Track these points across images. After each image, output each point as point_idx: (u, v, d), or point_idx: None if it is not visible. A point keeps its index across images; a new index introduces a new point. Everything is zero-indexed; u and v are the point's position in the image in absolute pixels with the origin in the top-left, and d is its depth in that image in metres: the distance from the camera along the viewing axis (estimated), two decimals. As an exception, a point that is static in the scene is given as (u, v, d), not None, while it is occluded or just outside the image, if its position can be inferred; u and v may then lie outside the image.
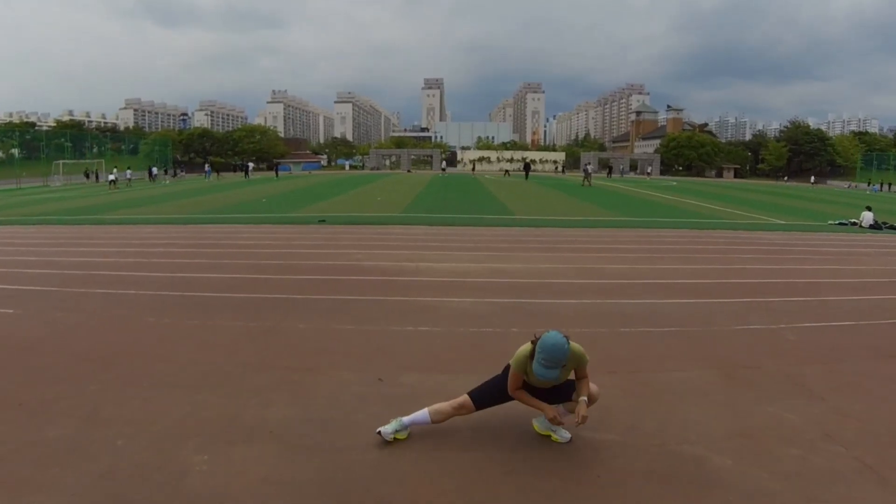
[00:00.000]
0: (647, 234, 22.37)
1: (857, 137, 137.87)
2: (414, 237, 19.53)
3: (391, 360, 7.59)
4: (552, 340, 5.02)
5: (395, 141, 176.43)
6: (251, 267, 13.63)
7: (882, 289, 13.18)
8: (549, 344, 5.01)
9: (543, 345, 5.02)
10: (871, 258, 17.99)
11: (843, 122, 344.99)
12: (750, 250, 18.61)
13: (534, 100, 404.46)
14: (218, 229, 21.36)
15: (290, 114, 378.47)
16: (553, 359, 5.01)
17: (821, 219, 31.40)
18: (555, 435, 5.52)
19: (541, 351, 5.03)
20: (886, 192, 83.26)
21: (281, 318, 9.41)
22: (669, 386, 7.06)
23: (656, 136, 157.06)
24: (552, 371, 5.05)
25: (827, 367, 7.91)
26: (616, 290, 11.89)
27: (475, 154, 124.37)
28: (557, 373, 5.09)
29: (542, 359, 5.02)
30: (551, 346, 5.00)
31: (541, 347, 5.03)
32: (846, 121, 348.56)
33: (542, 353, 5.02)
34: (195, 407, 5.99)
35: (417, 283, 12.21)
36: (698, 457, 5.32)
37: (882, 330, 9.87)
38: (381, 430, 5.36)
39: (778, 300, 11.61)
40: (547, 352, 5.00)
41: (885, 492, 4.85)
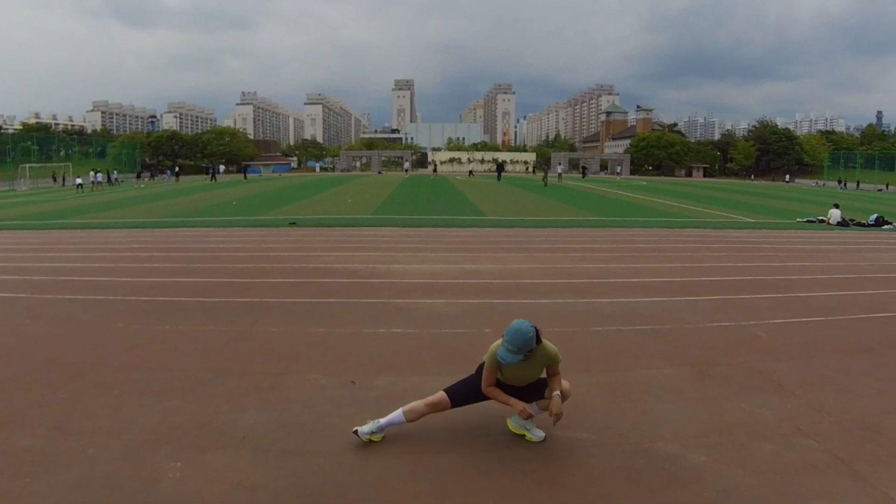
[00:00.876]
0: (618, 233, 22.50)
1: (825, 136, 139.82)
2: (385, 239, 19.49)
3: (364, 362, 7.55)
4: (516, 325, 5.13)
5: (365, 142, 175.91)
6: (221, 270, 13.52)
7: (851, 285, 13.36)
8: (514, 328, 5.11)
9: (508, 330, 5.12)
10: (839, 255, 18.23)
11: (811, 121, 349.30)
12: (720, 248, 18.79)
13: (504, 100, 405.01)
14: (187, 233, 21.18)
15: (259, 115, 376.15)
16: (515, 342, 5.07)
17: (789, 217, 31.79)
18: (529, 434, 5.53)
19: (505, 335, 5.12)
20: (854, 189, 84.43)
21: (252, 322, 9.33)
22: (643, 384, 7.09)
23: (626, 136, 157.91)
24: (515, 356, 5.10)
25: (798, 362, 8.00)
26: (588, 289, 11.94)
27: (445, 155, 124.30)
28: (520, 358, 5.13)
29: (506, 342, 5.10)
30: (514, 331, 5.09)
31: (506, 332, 5.13)
32: (814, 120, 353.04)
33: (506, 338, 5.12)
34: (166, 414, 5.91)
35: (389, 285, 12.17)
36: (673, 454, 5.35)
37: (852, 325, 10.01)
38: (358, 430, 5.34)
39: (749, 297, 11.72)
40: (510, 335, 5.10)
41: (858, 484, 4.90)
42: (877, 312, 10.84)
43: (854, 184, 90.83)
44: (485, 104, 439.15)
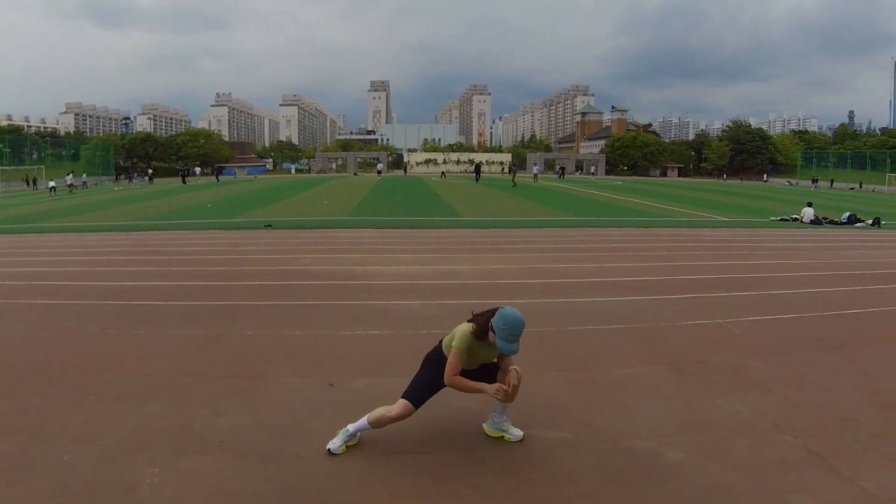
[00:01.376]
0: (594, 233, 22.61)
1: (798, 136, 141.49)
2: (361, 240, 19.46)
3: (341, 364, 7.54)
4: (513, 314, 5.07)
5: (341, 144, 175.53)
6: (197, 274, 13.45)
7: (824, 282, 13.51)
8: (513, 317, 5.05)
9: (507, 320, 5.03)
10: (812, 252, 18.45)
11: (784, 121, 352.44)
12: (695, 247, 18.94)
13: (480, 101, 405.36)
14: (162, 236, 21.03)
15: (234, 117, 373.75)
16: (515, 332, 5.04)
17: (763, 215, 32.11)
18: (507, 435, 5.54)
19: (505, 326, 5.02)
20: (828, 188, 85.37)
21: (229, 325, 9.28)
22: (620, 382, 7.14)
23: (601, 136, 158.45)
24: (514, 345, 5.07)
25: (773, 359, 8.09)
26: (564, 288, 11.98)
27: (421, 156, 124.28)
28: (518, 346, 5.11)
29: (508, 334, 5.02)
30: (511, 321, 5.04)
31: (505, 323, 5.03)
32: (787, 120, 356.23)
33: (507, 328, 5.02)
34: (143, 419, 5.86)
35: (366, 287, 12.16)
36: (651, 452, 5.39)
37: (825, 322, 10.14)
38: (331, 448, 5.26)
39: (723, 295, 11.83)
40: (512, 325, 5.03)
41: (834, 478, 4.98)
42: (850, 309, 10.98)
43: (828, 183, 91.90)
44: (460, 105, 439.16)
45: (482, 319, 5.17)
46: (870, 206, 42.47)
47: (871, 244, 21.57)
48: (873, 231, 27.00)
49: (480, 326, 5.15)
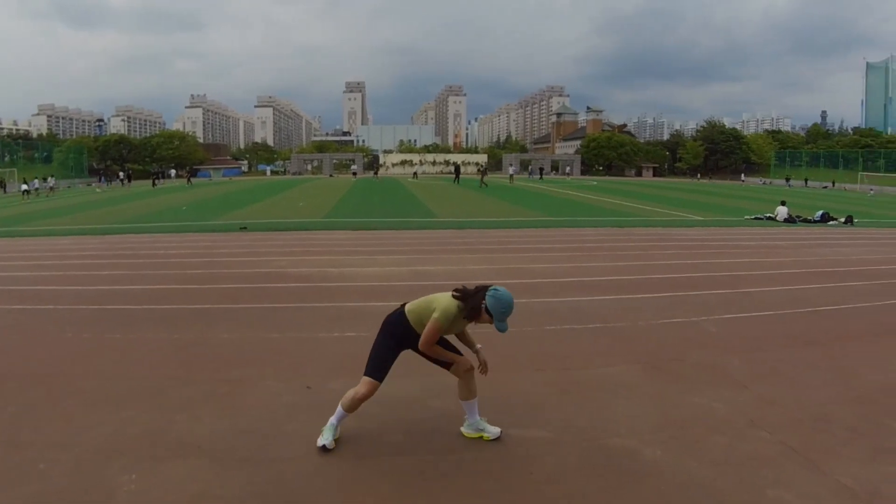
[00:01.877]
0: (570, 233, 22.69)
1: (771, 136, 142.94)
2: (337, 242, 19.41)
3: (319, 367, 7.52)
4: (508, 296, 5.17)
5: (316, 145, 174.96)
6: (172, 277, 13.34)
7: (798, 279, 13.64)
8: (508, 298, 5.16)
9: (504, 303, 5.13)
10: (786, 250, 18.62)
11: (758, 120, 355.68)
12: (670, 246, 19.06)
13: (455, 102, 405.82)
14: (137, 239, 20.82)
15: (209, 118, 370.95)
16: (511, 311, 5.16)
17: (738, 214, 32.36)
18: (485, 434, 5.54)
19: (504, 309, 5.13)
20: (803, 187, 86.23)
21: (205, 328, 9.22)
22: (598, 381, 7.19)
23: (577, 136, 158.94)
24: (505, 323, 5.17)
25: (748, 356, 8.17)
26: (541, 288, 12.02)
27: (397, 157, 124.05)
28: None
29: (503, 314, 5.12)
30: (510, 300, 5.17)
31: (503, 306, 5.12)
32: (760, 120, 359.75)
33: (505, 311, 5.13)
34: (120, 424, 5.80)
35: (342, 289, 12.13)
36: (630, 449, 5.42)
37: (799, 319, 10.25)
38: (324, 444, 5.32)
39: (699, 293, 11.92)
40: (508, 307, 5.14)
41: (811, 472, 5.04)
42: (824, 306, 11.10)
43: (802, 181, 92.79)
44: (436, 106, 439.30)
45: (474, 301, 5.18)
46: (842, 205, 42.93)
47: (844, 242, 21.83)
48: (846, 229, 27.30)
49: (473, 309, 5.18)
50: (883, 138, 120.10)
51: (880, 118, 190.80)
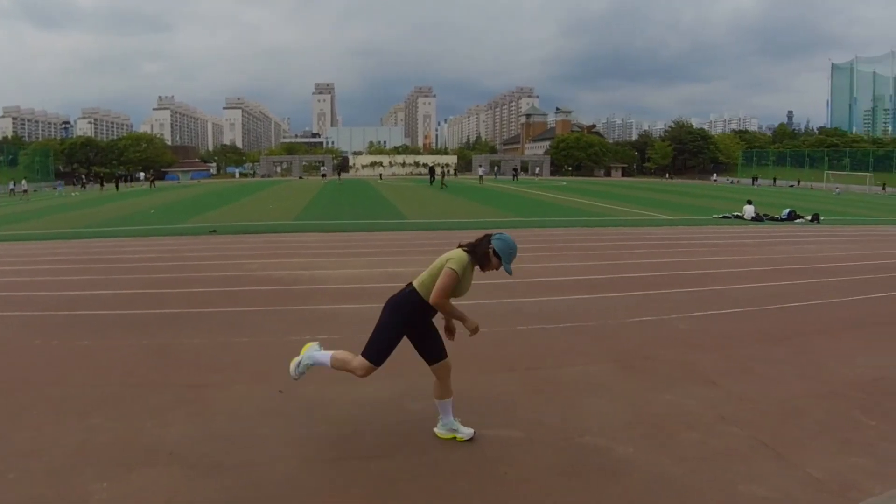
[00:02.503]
0: (539, 233, 22.78)
1: (738, 135, 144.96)
2: (308, 244, 19.33)
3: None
4: (510, 237, 5.32)
5: (286, 147, 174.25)
6: (141, 282, 13.19)
7: (766, 276, 13.81)
8: (513, 240, 5.34)
9: (510, 244, 5.28)
10: (754, 248, 18.84)
11: (725, 121, 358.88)
12: (640, 245, 19.21)
13: (425, 104, 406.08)
14: (105, 243, 20.56)
15: (177, 121, 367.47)
16: (516, 252, 5.33)
17: (706, 213, 32.69)
18: (458, 435, 5.53)
19: (511, 250, 5.28)
20: (771, 186, 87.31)
21: (175, 333, 9.12)
22: (570, 380, 7.21)
23: (546, 137, 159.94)
24: (511, 266, 5.30)
25: (718, 353, 8.26)
26: (512, 288, 12.01)
27: (367, 159, 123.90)
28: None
29: (510, 255, 5.28)
30: (514, 242, 5.35)
31: (510, 248, 5.27)
32: (727, 120, 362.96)
33: (512, 252, 5.29)
34: (90, 432, 5.71)
35: (314, 292, 12.07)
36: (602, 447, 5.45)
37: (768, 315, 10.38)
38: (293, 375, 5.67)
39: (669, 292, 12.01)
40: (514, 248, 5.31)
41: (782, 466, 5.10)
42: (791, 302, 11.24)
43: (770, 181, 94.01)
44: (406, 107, 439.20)
45: (482, 247, 5.28)
46: (809, 203, 43.59)
47: (811, 239, 22.14)
48: (812, 227, 27.71)
49: (482, 255, 5.26)
50: (848, 138, 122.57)
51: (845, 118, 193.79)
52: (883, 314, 10.73)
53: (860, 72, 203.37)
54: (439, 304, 5.20)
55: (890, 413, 6.27)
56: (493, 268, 5.30)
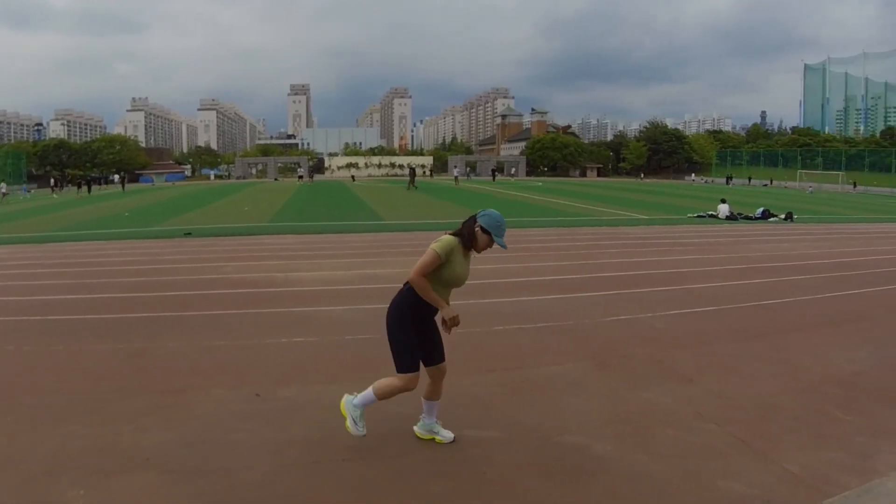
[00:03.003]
0: (515, 233, 22.77)
1: (712, 135, 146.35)
2: (284, 246, 19.24)
3: (267, 374, 7.41)
4: (494, 211, 5.25)
5: (261, 149, 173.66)
6: (116, 285, 13.06)
7: (741, 274, 13.93)
8: (496, 213, 5.23)
9: (496, 218, 5.18)
10: (729, 247, 19.00)
11: (699, 121, 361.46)
12: (616, 245, 19.30)
13: (401, 105, 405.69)
14: (79, 247, 20.35)
15: (151, 122, 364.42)
16: (504, 224, 5.23)
17: (681, 212, 32.90)
18: (438, 437, 5.53)
19: (498, 223, 5.16)
20: (746, 185, 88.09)
21: (150, 338, 9.03)
22: (547, 379, 7.23)
23: (522, 138, 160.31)
24: (503, 239, 5.20)
25: (694, 350, 8.33)
26: (488, 289, 12.04)
27: (343, 160, 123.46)
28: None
29: (499, 228, 5.17)
30: (498, 214, 5.24)
31: (497, 221, 5.17)
32: (702, 120, 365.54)
33: (500, 224, 5.18)
34: (66, 439, 5.63)
35: (289, 294, 12.01)
36: (580, 446, 5.47)
37: (743, 313, 10.48)
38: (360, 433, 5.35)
39: (644, 291, 12.08)
40: (499, 219, 5.20)
41: (759, 462, 5.16)
42: (766, 300, 11.35)
43: (745, 180, 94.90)
44: (381, 108, 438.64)
45: (467, 228, 5.18)
46: (782, 202, 44.03)
47: (784, 237, 22.37)
48: (786, 225, 28.01)
49: (468, 234, 5.16)
50: (820, 137, 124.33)
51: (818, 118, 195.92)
52: (856, 311, 10.87)
53: (832, 72, 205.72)
54: (416, 282, 5.07)
55: (864, 408, 6.35)
56: (486, 245, 5.19)
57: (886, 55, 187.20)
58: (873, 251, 19.05)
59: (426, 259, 5.03)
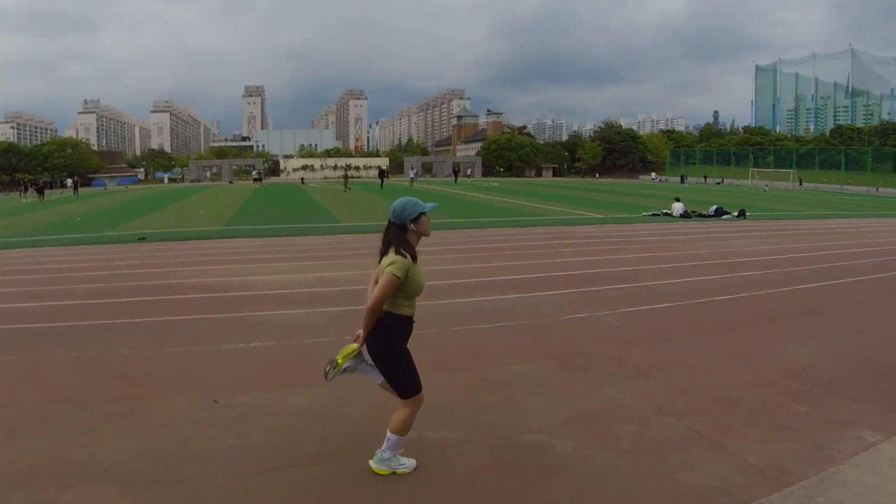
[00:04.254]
0: (472, 234, 22.88)
1: (666, 135, 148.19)
2: (239, 250, 19.06)
3: (225, 380, 7.33)
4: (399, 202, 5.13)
5: (215, 151, 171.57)
6: (68, 293, 12.80)
7: (695, 271, 14.12)
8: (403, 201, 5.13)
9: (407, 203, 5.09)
10: (683, 244, 19.27)
11: (653, 121, 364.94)
12: (571, 244, 19.45)
13: (356, 106, 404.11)
14: (29, 253, 19.92)
15: (103, 125, 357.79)
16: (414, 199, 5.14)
17: (635, 211, 33.23)
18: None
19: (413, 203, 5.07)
20: (703, 183, 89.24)
21: (105, 346, 8.86)
22: (507, 379, 7.28)
23: (477, 139, 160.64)
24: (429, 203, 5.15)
25: (651, 347, 8.45)
26: (445, 290, 12.05)
27: (298, 162, 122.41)
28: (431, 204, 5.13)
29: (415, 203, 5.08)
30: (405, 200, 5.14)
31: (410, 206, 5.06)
32: (655, 120, 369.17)
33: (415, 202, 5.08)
34: (19, 452, 5.50)
35: (246, 298, 11.90)
36: (541, 444, 5.52)
37: (698, 308, 10.65)
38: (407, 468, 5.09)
39: (601, 289, 12.20)
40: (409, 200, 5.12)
41: (718, 454, 5.28)
42: (720, 296, 11.53)
43: (701, 178, 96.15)
44: (337, 110, 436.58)
45: (402, 241, 4.98)
46: (735, 199, 44.74)
47: (737, 234, 22.74)
48: (739, 222, 28.49)
49: (407, 243, 4.97)
50: (772, 136, 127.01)
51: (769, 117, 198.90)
52: (808, 305, 11.09)
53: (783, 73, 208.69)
54: (373, 310, 4.85)
55: (819, 399, 6.50)
56: (425, 228, 5.08)
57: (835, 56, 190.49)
58: (823, 247, 19.47)
59: (386, 286, 4.78)
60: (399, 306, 4.92)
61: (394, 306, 4.90)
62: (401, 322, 4.98)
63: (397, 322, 4.95)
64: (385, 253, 4.99)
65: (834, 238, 22.52)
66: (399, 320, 4.96)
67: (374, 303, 4.81)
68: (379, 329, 4.91)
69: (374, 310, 4.83)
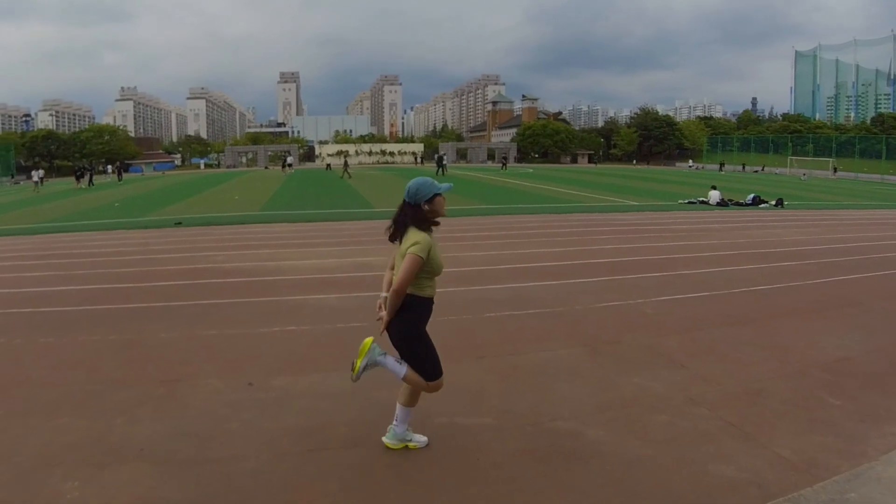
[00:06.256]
0: (506, 220, 22.84)
1: (703, 122, 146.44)
2: (275, 235, 19.22)
3: (260, 363, 7.41)
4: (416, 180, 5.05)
5: (251, 137, 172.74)
6: (106, 276, 13.00)
7: (731, 260, 13.97)
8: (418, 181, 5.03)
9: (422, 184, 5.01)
10: (719, 233, 19.05)
11: (690, 107, 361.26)
12: (607, 231, 19.34)
13: (391, 92, 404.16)
14: (69, 238, 20.25)
15: (140, 112, 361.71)
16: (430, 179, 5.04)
17: (672, 199, 32.93)
18: (412, 443, 5.28)
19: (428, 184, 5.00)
20: (741, 171, 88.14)
21: (142, 328, 9.00)
22: (539, 366, 7.26)
23: (512, 125, 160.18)
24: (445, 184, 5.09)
25: (685, 336, 8.37)
26: (478, 276, 12.06)
27: (332, 148, 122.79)
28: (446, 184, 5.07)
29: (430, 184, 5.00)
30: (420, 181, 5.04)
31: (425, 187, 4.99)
32: (692, 106, 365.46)
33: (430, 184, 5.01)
34: (57, 432, 5.61)
35: (281, 283, 12.01)
36: (573, 431, 5.50)
37: (733, 298, 10.52)
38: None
39: (635, 277, 12.11)
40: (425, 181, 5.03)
41: (749, 445, 5.21)
42: (756, 286, 11.38)
43: (739, 166, 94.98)
44: (371, 96, 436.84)
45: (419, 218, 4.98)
46: (773, 188, 44.18)
47: (775, 223, 22.44)
48: (776, 211, 28.11)
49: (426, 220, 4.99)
50: (811, 124, 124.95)
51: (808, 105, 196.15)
52: (846, 296, 10.92)
53: (823, 59, 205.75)
54: (400, 292, 4.85)
55: (854, 393, 6.40)
56: (441, 209, 5.06)
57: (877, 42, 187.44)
58: (863, 237, 19.17)
59: (410, 267, 4.78)
60: (422, 287, 4.95)
61: (417, 288, 4.91)
62: (424, 304, 5.01)
63: (421, 304, 4.99)
64: (397, 234, 5.05)
65: (873, 229, 22.14)
66: (423, 302, 4.99)
67: (400, 285, 4.82)
68: (403, 311, 4.92)
69: (401, 293, 4.85)
